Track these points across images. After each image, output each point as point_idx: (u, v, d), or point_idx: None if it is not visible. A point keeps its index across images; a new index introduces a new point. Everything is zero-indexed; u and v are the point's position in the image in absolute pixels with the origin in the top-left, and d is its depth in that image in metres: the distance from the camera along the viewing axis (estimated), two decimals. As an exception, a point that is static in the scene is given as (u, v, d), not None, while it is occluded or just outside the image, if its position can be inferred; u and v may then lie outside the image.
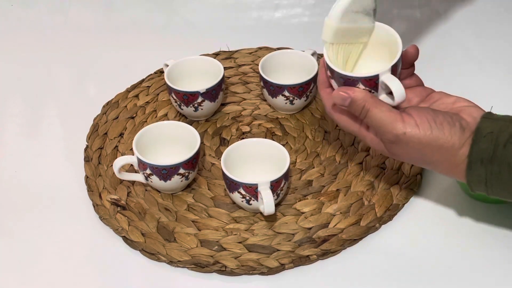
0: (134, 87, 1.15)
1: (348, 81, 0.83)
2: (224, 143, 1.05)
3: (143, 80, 1.16)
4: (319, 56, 1.13)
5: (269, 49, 1.20)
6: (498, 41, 1.21)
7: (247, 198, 0.92)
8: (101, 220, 0.96)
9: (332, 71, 0.84)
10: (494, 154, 0.78)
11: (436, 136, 0.80)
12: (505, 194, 0.80)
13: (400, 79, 0.85)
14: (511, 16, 1.27)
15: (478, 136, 0.79)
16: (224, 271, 0.90)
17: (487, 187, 0.80)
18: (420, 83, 0.89)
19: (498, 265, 0.89)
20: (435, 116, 0.81)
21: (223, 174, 0.93)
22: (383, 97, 0.84)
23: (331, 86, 0.87)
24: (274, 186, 0.91)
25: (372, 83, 0.82)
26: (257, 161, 0.97)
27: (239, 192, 0.92)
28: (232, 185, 0.92)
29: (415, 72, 0.90)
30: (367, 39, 0.87)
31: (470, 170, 0.80)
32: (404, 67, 0.87)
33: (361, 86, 0.83)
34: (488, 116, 0.81)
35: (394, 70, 0.83)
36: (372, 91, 0.83)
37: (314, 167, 1.01)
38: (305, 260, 0.90)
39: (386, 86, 0.82)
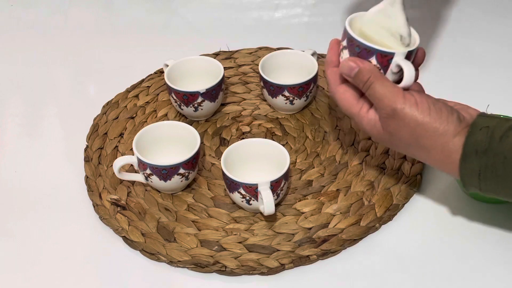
0: (134, 87, 1.15)
1: (364, 52, 0.84)
2: (224, 143, 1.05)
3: (143, 80, 1.16)
4: (319, 56, 1.13)
5: (269, 49, 1.20)
6: (498, 41, 1.21)
7: (247, 198, 0.92)
8: (101, 220, 0.96)
9: (351, 39, 0.85)
10: (489, 146, 0.78)
11: (433, 118, 0.81)
12: (498, 189, 0.80)
13: None
14: (511, 15, 1.27)
15: (474, 128, 0.80)
16: (224, 271, 0.90)
17: (480, 181, 0.80)
18: (421, 90, 0.90)
19: (498, 265, 0.89)
20: (435, 101, 0.83)
21: (223, 174, 0.93)
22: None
23: (338, 65, 0.88)
24: (274, 186, 0.91)
25: (385, 61, 0.84)
26: (257, 161, 0.97)
27: (239, 192, 0.92)
28: (232, 185, 0.92)
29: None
30: None
31: (464, 161, 0.80)
32: None
33: (374, 61, 0.84)
34: (485, 115, 0.82)
35: (408, 57, 0.85)
36: (381, 71, 0.85)
37: (314, 167, 1.01)
38: (305, 260, 0.90)
39: (397, 68, 0.84)
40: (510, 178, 0.78)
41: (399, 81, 0.86)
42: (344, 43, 0.87)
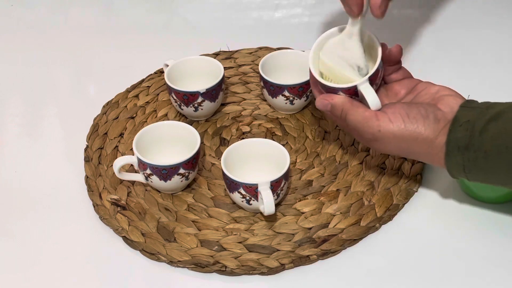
0: (134, 87, 1.15)
1: (330, 89, 0.89)
2: (224, 143, 1.05)
3: (143, 80, 1.16)
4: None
5: (269, 49, 1.20)
6: (498, 41, 1.21)
7: (247, 198, 0.92)
8: (101, 220, 0.96)
9: (315, 80, 0.90)
10: (470, 141, 0.81)
11: (410, 130, 0.84)
12: (484, 178, 0.83)
13: (388, 74, 0.92)
14: (511, 15, 1.27)
15: (455, 125, 0.82)
16: (224, 271, 0.90)
17: (466, 173, 0.83)
18: (408, 75, 0.93)
19: (498, 265, 0.89)
20: (408, 110, 0.85)
21: (223, 174, 0.93)
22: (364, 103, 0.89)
23: None
24: (274, 186, 0.91)
25: (352, 91, 0.88)
26: (257, 161, 0.97)
27: (239, 192, 0.92)
28: (232, 185, 0.92)
29: (411, 69, 0.95)
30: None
31: (448, 157, 0.83)
32: (390, 65, 0.92)
33: (342, 94, 0.88)
34: (466, 105, 0.84)
35: (372, 79, 0.88)
36: (353, 97, 0.88)
37: (314, 167, 1.01)
38: (305, 260, 0.90)
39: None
40: (492, 170, 0.81)
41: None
42: (312, 79, 0.91)
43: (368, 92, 0.87)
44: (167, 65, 1.09)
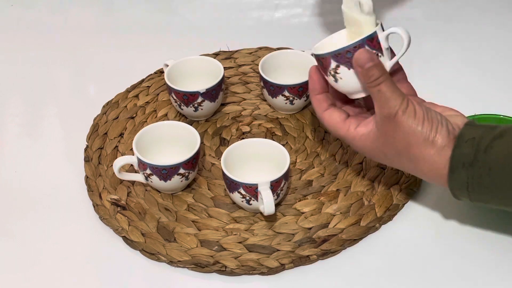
0: (134, 87, 1.15)
1: (355, 49, 0.84)
2: (224, 143, 1.05)
3: (143, 80, 1.16)
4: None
5: (269, 49, 1.20)
6: (498, 42, 1.21)
7: (247, 198, 0.92)
8: (101, 220, 0.96)
9: (338, 53, 0.85)
10: (475, 158, 0.80)
11: (425, 128, 0.82)
12: (487, 198, 0.82)
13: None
14: (511, 16, 1.27)
15: (460, 141, 0.81)
16: (224, 271, 0.90)
17: (469, 192, 0.82)
18: (413, 93, 0.90)
19: (497, 266, 0.89)
20: (427, 110, 0.84)
21: (223, 174, 0.93)
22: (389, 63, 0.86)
23: (321, 93, 0.89)
24: (274, 186, 0.91)
25: (375, 42, 0.84)
26: (257, 161, 0.97)
27: (239, 192, 0.92)
28: (232, 185, 0.92)
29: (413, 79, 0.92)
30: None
31: (452, 174, 0.82)
32: None
33: (367, 47, 0.84)
34: (471, 124, 0.83)
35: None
36: (379, 54, 0.85)
37: (314, 167, 1.01)
38: (305, 260, 0.90)
39: (387, 42, 0.85)
40: (496, 188, 0.80)
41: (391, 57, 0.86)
42: (333, 65, 0.86)
43: (397, 29, 0.84)
44: (167, 65, 1.09)
